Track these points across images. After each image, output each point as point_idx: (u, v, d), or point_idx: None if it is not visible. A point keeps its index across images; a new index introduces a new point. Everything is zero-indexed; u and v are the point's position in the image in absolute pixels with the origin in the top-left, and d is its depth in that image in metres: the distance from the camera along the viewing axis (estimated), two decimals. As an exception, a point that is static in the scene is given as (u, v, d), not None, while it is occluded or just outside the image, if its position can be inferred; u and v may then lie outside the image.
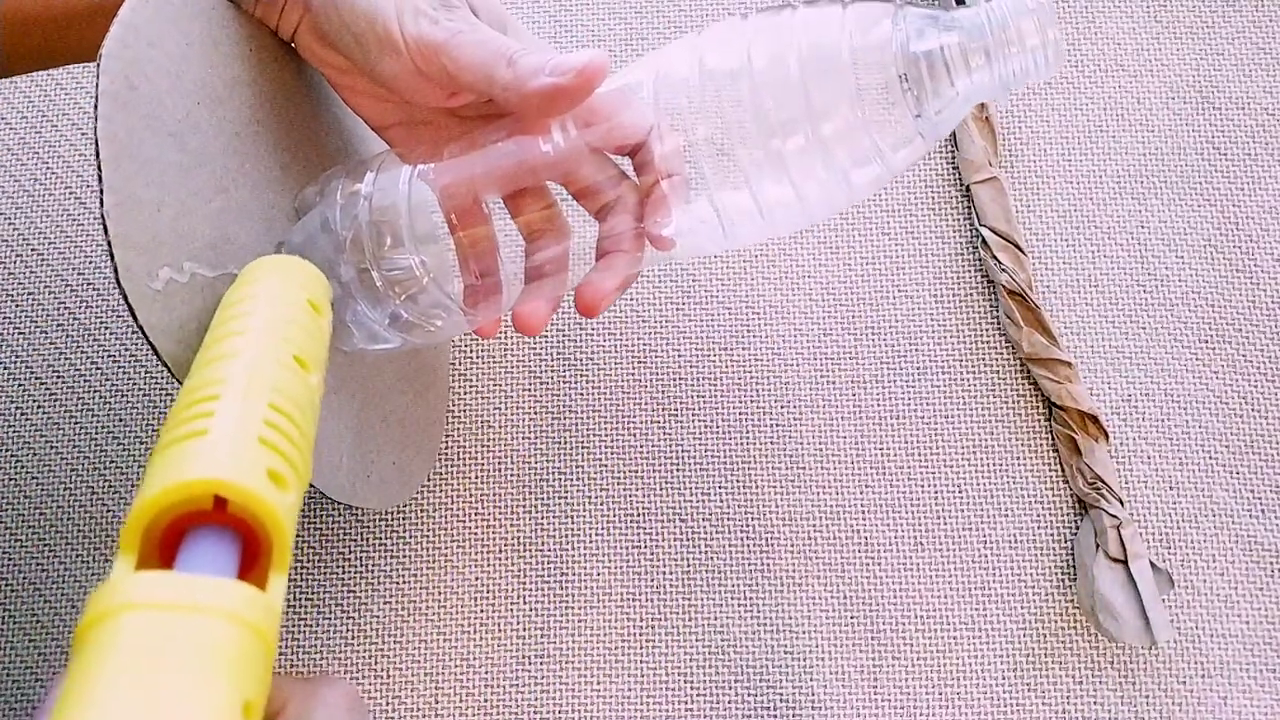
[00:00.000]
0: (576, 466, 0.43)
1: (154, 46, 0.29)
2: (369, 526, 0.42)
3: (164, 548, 0.22)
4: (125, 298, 0.27)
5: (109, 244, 0.26)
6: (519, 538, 0.42)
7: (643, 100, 0.31)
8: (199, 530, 0.22)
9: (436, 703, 0.41)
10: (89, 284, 0.45)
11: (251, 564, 0.22)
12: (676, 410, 0.43)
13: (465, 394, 0.44)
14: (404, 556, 0.42)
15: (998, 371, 0.43)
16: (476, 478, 0.43)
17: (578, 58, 0.30)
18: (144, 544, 0.21)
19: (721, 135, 0.30)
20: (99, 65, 0.27)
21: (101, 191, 0.26)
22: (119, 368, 0.44)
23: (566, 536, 0.42)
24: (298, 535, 0.42)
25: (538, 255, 0.34)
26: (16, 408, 0.44)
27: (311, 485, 0.28)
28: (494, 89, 0.31)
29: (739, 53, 0.30)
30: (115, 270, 0.27)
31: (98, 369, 0.44)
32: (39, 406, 0.44)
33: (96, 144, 0.27)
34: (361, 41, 0.32)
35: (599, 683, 0.41)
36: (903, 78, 0.29)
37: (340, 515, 0.43)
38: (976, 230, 0.44)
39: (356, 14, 0.32)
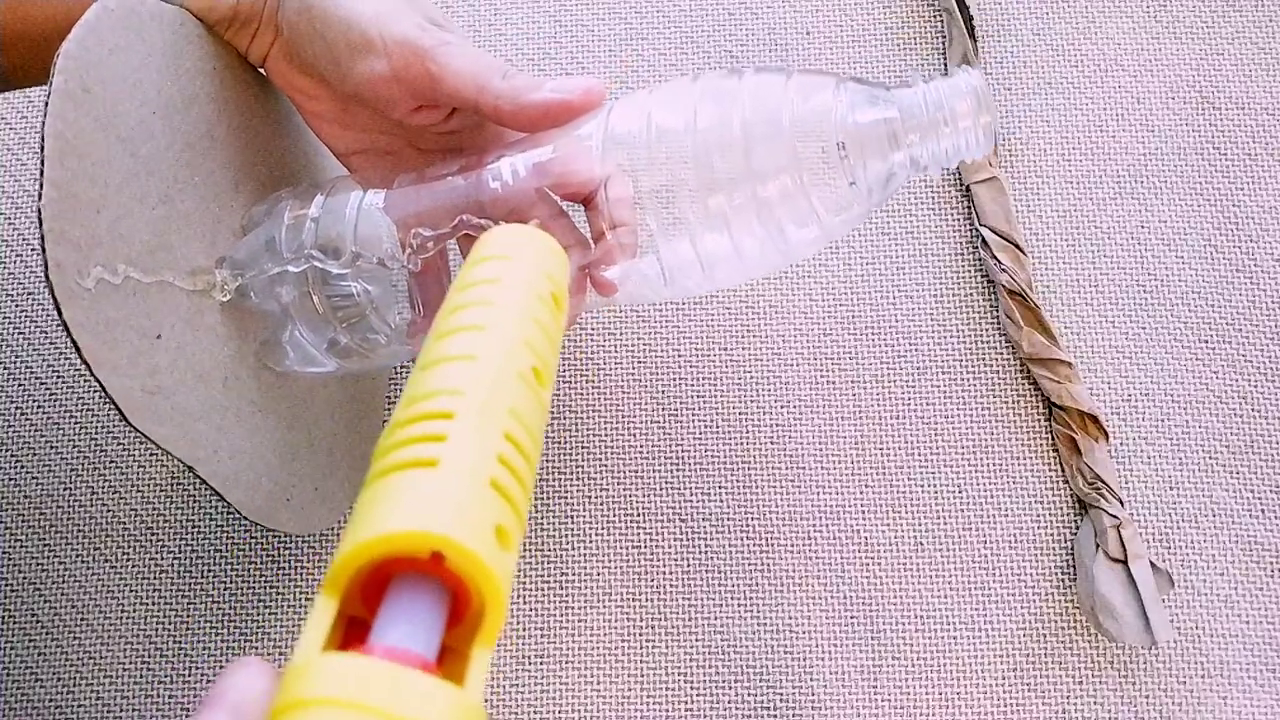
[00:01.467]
0: (576, 466, 0.43)
1: (114, 53, 0.30)
2: (369, 526, 0.42)
3: (368, 589, 0.20)
4: (52, 292, 0.27)
5: (42, 238, 0.26)
6: (519, 538, 0.42)
7: (593, 149, 0.32)
8: (408, 581, 0.19)
9: (436, 703, 0.41)
10: (89, 284, 0.45)
11: (457, 619, 0.20)
12: (676, 410, 0.43)
13: (465, 394, 0.44)
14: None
15: (998, 371, 0.43)
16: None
17: (583, 79, 0.31)
18: (349, 582, 0.19)
19: (667, 190, 0.31)
20: (54, 64, 0.28)
21: (41, 185, 0.27)
22: (119, 368, 0.44)
23: (566, 536, 0.42)
24: (298, 535, 0.43)
25: None
26: (16, 408, 0.44)
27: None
28: (484, 97, 0.31)
29: (686, 112, 0.31)
30: (45, 264, 0.27)
31: (98, 369, 0.44)
32: (39, 406, 0.44)
33: (43, 139, 0.27)
34: (333, 48, 0.32)
35: (599, 683, 0.41)
36: (840, 146, 0.30)
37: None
38: (976, 230, 0.44)
39: (331, 20, 0.32)
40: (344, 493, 0.39)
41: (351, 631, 0.20)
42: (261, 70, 0.36)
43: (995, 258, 0.43)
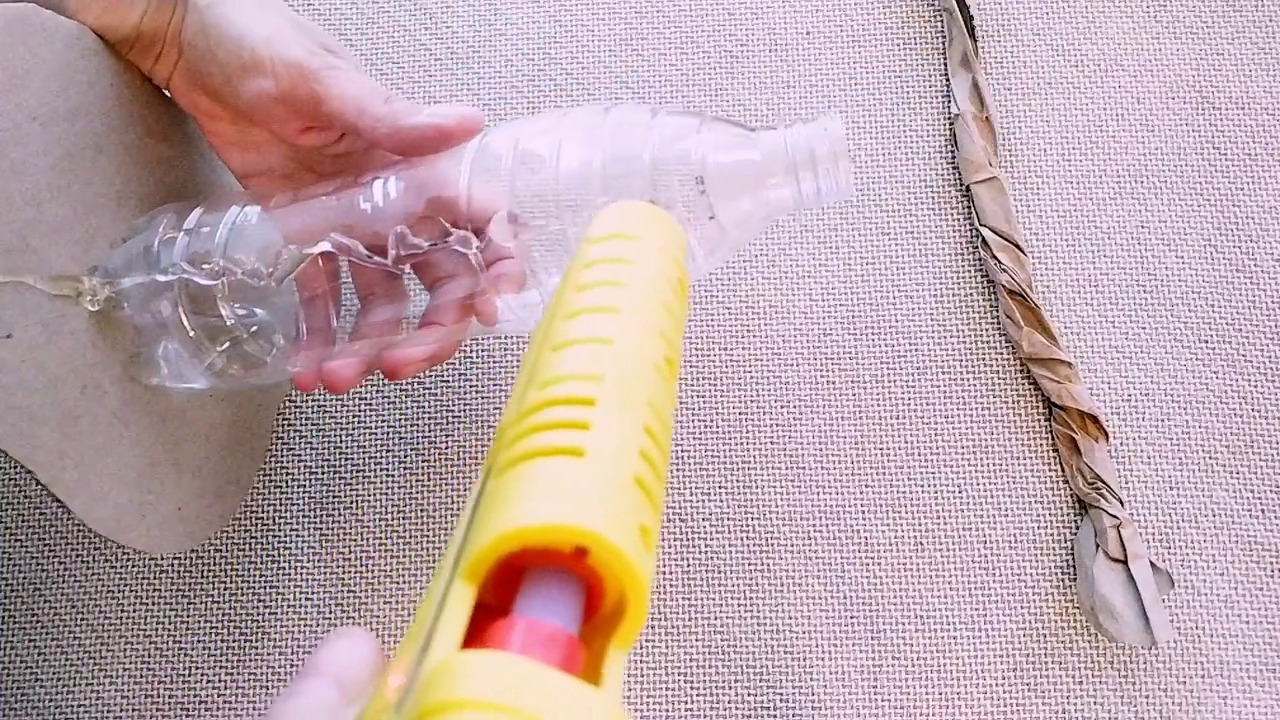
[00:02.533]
0: (576, 466, 0.43)
1: None
2: (369, 526, 0.42)
3: (502, 576, 0.19)
4: None
5: None
6: (519, 538, 0.42)
7: (461, 177, 0.32)
8: (546, 573, 0.19)
9: (436, 703, 0.41)
10: (89, 284, 0.45)
11: (588, 617, 0.19)
12: (677, 410, 0.43)
13: (465, 394, 0.44)
14: (404, 556, 0.42)
15: (998, 371, 0.43)
16: (476, 478, 0.43)
17: (459, 107, 0.32)
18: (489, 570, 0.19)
19: (541, 224, 0.31)
20: None
21: None
22: (119, 368, 0.44)
23: (566, 536, 0.42)
24: (298, 535, 0.43)
25: (368, 317, 0.34)
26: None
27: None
28: (364, 120, 0.32)
29: (552, 145, 0.31)
30: None
31: (98, 369, 0.44)
32: (39, 406, 0.44)
33: None
34: (226, 67, 0.33)
35: (599, 683, 0.41)
36: (699, 181, 0.31)
37: (340, 515, 0.43)
38: (976, 230, 0.44)
39: (225, 40, 0.33)
40: (207, 517, 0.38)
41: (480, 618, 0.19)
42: (167, 91, 0.37)
43: (995, 258, 0.43)
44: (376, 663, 0.21)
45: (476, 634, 0.18)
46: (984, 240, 0.43)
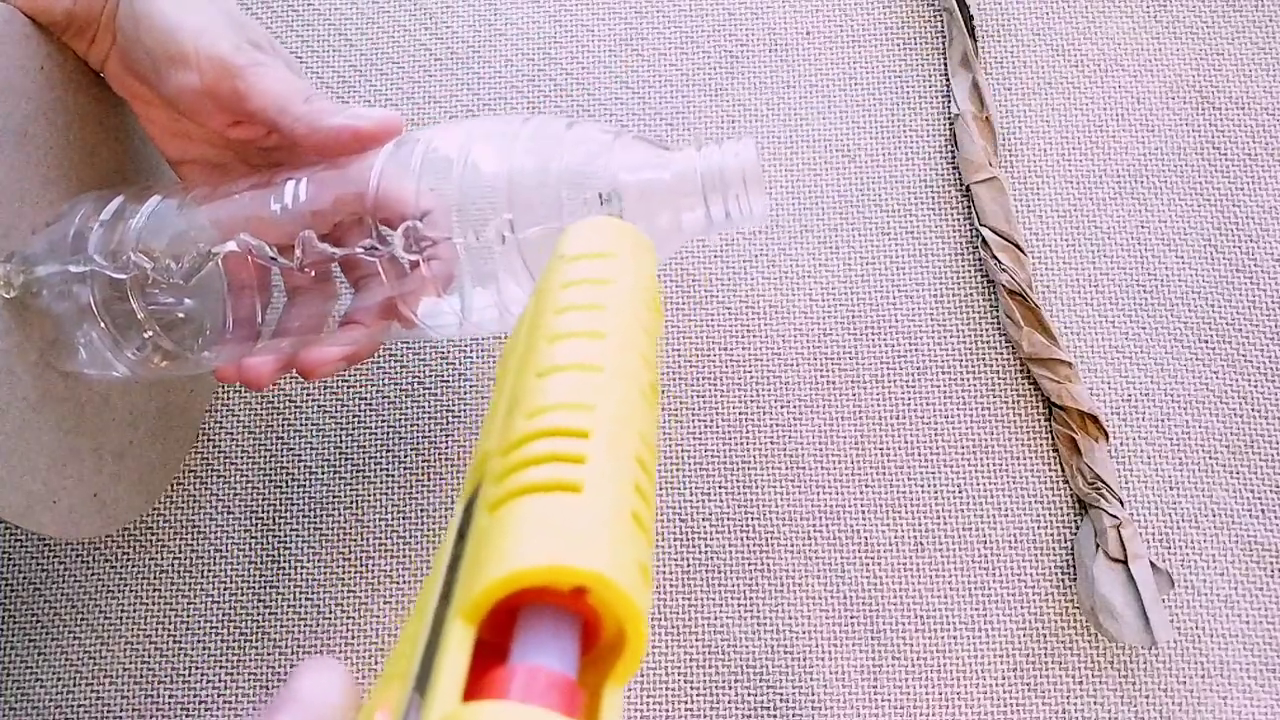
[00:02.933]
0: (576, 466, 0.43)
1: None
2: (369, 526, 0.42)
3: (496, 612, 0.18)
4: None
5: None
6: (519, 538, 0.42)
7: (372, 179, 0.31)
8: (542, 612, 0.18)
9: (436, 703, 0.41)
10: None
11: (586, 649, 0.19)
12: (676, 410, 0.43)
13: (465, 394, 0.44)
14: (404, 556, 0.42)
15: (998, 371, 0.43)
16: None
17: (379, 110, 0.32)
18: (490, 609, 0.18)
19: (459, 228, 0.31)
20: None
21: None
22: (119, 368, 0.44)
23: (566, 536, 0.42)
24: (298, 534, 0.43)
25: (292, 313, 0.34)
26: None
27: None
28: (284, 119, 0.32)
29: (461, 151, 0.31)
30: None
31: (98, 369, 0.44)
32: (39, 406, 0.44)
33: None
34: (153, 56, 0.33)
35: (599, 683, 0.41)
36: (603, 198, 0.30)
37: (340, 515, 0.43)
38: (976, 230, 0.44)
39: (155, 30, 0.33)
40: (128, 503, 0.38)
41: (473, 659, 0.18)
42: (102, 74, 0.36)
43: (995, 258, 0.43)
44: (350, 696, 0.20)
45: (473, 675, 0.18)
46: (984, 240, 0.43)
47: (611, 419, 0.20)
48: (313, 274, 0.34)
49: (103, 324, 0.33)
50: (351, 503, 0.43)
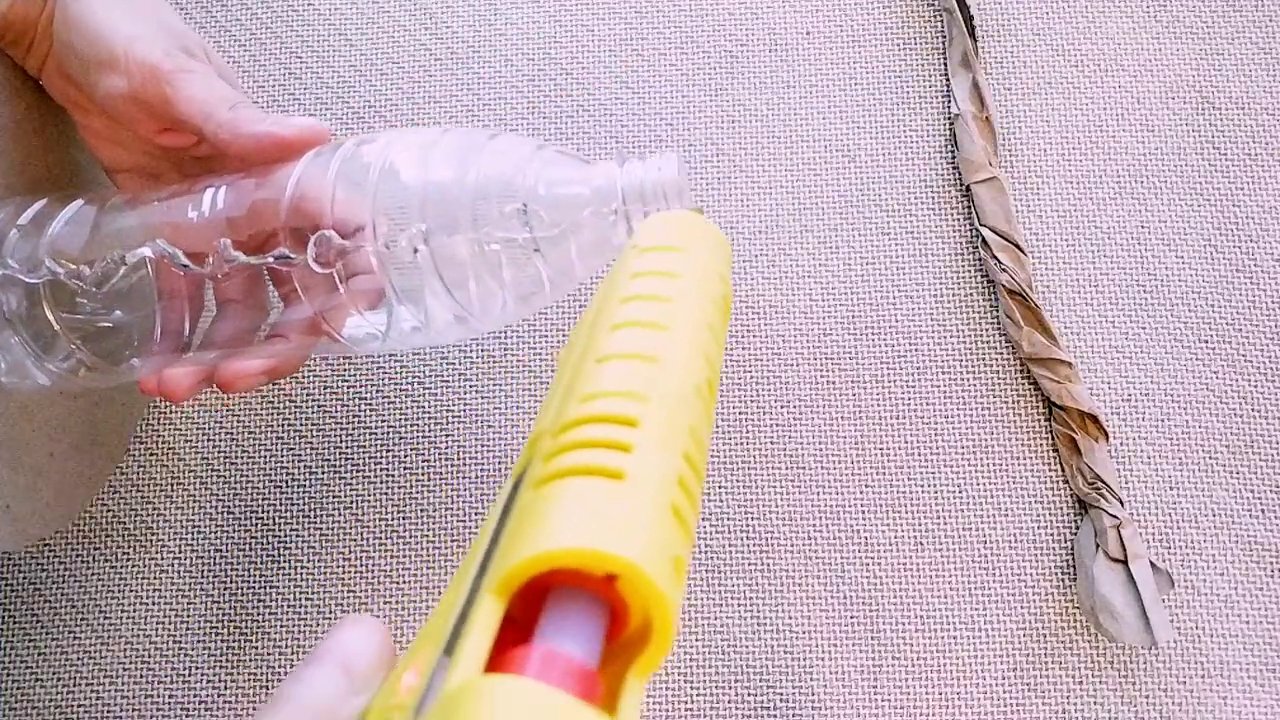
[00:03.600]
0: (576, 466, 0.43)
1: None
2: (369, 526, 0.42)
3: (528, 590, 0.19)
4: None
5: None
6: (519, 538, 0.42)
7: (288, 187, 0.31)
8: (571, 595, 0.18)
9: (436, 703, 0.41)
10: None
11: (613, 636, 0.19)
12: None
13: (465, 394, 0.44)
14: (404, 556, 0.42)
15: (998, 371, 0.43)
16: (476, 478, 0.43)
17: (303, 119, 0.32)
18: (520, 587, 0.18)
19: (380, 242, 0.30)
20: None
21: None
22: (119, 368, 0.44)
23: (566, 536, 0.42)
24: (298, 534, 0.43)
25: (220, 325, 0.34)
26: (16, 408, 0.44)
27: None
28: (208, 125, 0.32)
29: (378, 158, 0.30)
30: None
31: (98, 369, 0.44)
32: (39, 406, 0.44)
33: None
34: (84, 61, 0.33)
35: (599, 683, 0.41)
36: (522, 209, 0.29)
37: (340, 515, 0.43)
38: (976, 230, 0.44)
39: (86, 34, 0.33)
40: (46, 516, 0.38)
41: (501, 629, 0.19)
42: (40, 81, 0.36)
43: (995, 258, 0.43)
44: (386, 653, 0.21)
45: (498, 648, 0.18)
46: (984, 240, 0.43)
47: (663, 412, 0.20)
48: (240, 286, 0.33)
49: (22, 334, 0.32)
50: (351, 503, 0.43)
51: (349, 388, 0.44)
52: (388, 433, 0.43)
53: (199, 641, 0.42)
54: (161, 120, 0.33)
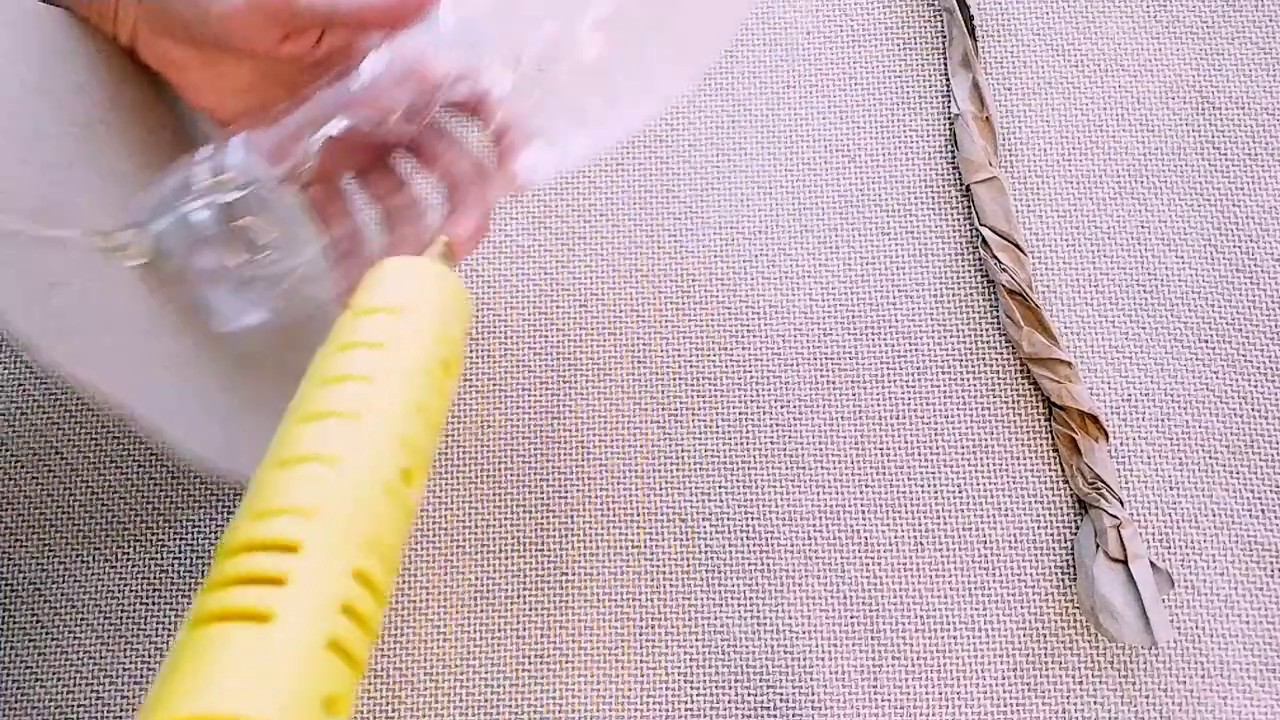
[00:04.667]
0: (576, 466, 0.43)
1: None
2: (369, 526, 0.42)
3: None
4: None
5: None
6: (519, 538, 0.42)
7: (434, 42, 0.32)
8: None
9: (436, 703, 0.41)
10: (89, 284, 0.45)
11: None
12: (676, 410, 0.43)
13: (465, 394, 0.44)
14: (404, 556, 0.42)
15: (998, 371, 0.43)
16: (476, 478, 0.43)
17: None
18: None
19: (532, 57, 0.32)
20: None
21: None
22: (119, 368, 0.44)
23: (566, 536, 0.42)
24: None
25: (389, 218, 0.35)
26: (16, 408, 0.44)
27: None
28: (338, 6, 0.32)
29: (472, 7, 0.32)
30: None
31: (98, 369, 0.44)
32: (39, 406, 0.44)
33: None
34: None
35: (599, 683, 0.41)
36: None
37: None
38: (976, 230, 0.44)
39: None
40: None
41: None
42: (132, 51, 0.36)
43: (995, 258, 0.43)
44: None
45: None
46: (984, 240, 0.43)
47: (331, 527, 0.19)
48: (383, 172, 0.35)
49: (227, 262, 0.33)
50: (351, 503, 0.43)
51: (349, 388, 0.44)
52: (388, 433, 0.43)
53: (199, 641, 0.42)
54: (283, 23, 0.33)
